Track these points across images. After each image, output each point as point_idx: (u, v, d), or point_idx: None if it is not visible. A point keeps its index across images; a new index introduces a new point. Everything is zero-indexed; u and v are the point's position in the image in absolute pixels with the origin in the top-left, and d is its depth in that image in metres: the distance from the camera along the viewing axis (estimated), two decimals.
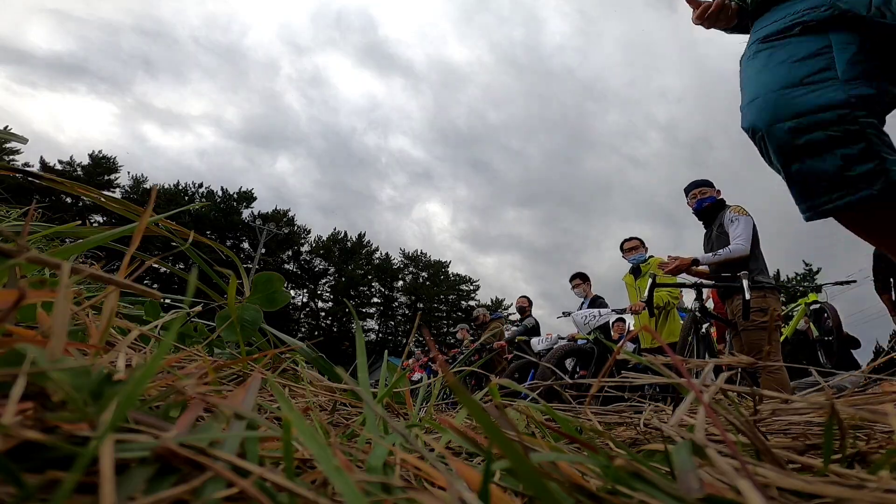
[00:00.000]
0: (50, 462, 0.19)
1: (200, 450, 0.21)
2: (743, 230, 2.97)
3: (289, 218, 38.14)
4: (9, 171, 0.83)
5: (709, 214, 3.23)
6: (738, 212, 3.03)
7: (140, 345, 0.64)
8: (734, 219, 3.01)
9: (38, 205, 0.84)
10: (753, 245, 3.00)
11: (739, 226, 2.99)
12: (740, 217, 3.00)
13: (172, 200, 33.85)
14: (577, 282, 5.10)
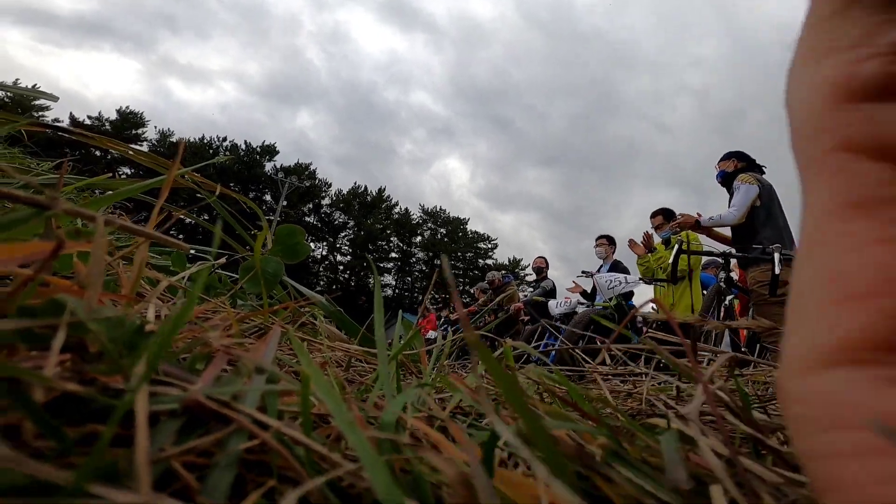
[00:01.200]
0: (86, 414, 0.20)
1: (225, 402, 0.22)
2: (739, 198, 2.97)
3: (310, 171, 38.34)
4: (40, 126, 0.85)
5: (727, 186, 3.23)
6: (742, 180, 3.02)
7: (168, 296, 0.67)
8: (737, 187, 3.03)
9: (69, 158, 0.86)
10: (768, 214, 2.95)
11: (738, 194, 3.00)
12: (741, 185, 3.01)
13: (197, 154, 34.26)
14: (603, 241, 4.99)
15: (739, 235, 3.06)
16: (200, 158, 33.34)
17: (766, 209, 2.97)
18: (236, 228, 1.06)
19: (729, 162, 3.28)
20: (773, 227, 2.95)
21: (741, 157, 3.28)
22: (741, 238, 3.04)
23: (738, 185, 3.03)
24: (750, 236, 2.94)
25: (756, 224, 2.97)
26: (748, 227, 3.00)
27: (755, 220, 2.99)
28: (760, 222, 2.96)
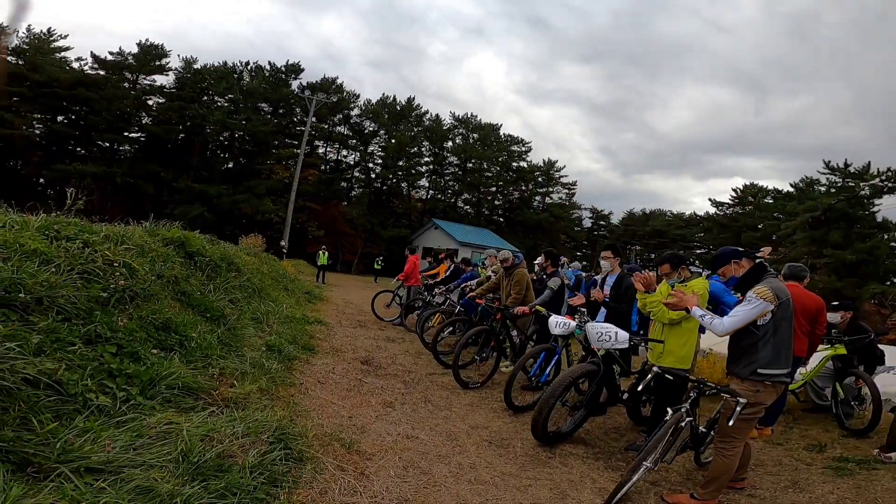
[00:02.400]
0: None
1: None
2: (744, 313, 2.75)
3: (337, 85, 37.30)
4: None
5: (743, 284, 2.94)
6: (760, 294, 2.74)
7: None
8: (750, 298, 2.77)
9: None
10: (775, 330, 2.76)
11: (746, 307, 2.76)
12: (755, 300, 2.74)
13: (223, 78, 33.75)
14: (608, 254, 5.06)
15: (736, 345, 2.89)
16: (225, 83, 32.94)
17: (773, 326, 2.77)
18: None
19: (730, 265, 3.02)
20: (774, 348, 2.76)
21: (740, 255, 3.02)
22: (737, 349, 2.88)
23: (752, 298, 2.76)
24: (749, 352, 2.79)
25: (758, 342, 2.78)
26: (747, 343, 2.82)
27: (758, 338, 2.78)
28: (763, 341, 2.77)
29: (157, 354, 3.52)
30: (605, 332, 3.74)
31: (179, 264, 5.69)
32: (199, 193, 30.91)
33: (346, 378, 5.23)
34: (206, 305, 5.33)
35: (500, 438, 3.95)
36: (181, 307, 4.84)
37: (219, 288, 6.22)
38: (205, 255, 6.44)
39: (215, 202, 30.99)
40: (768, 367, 2.73)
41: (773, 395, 2.85)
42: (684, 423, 2.89)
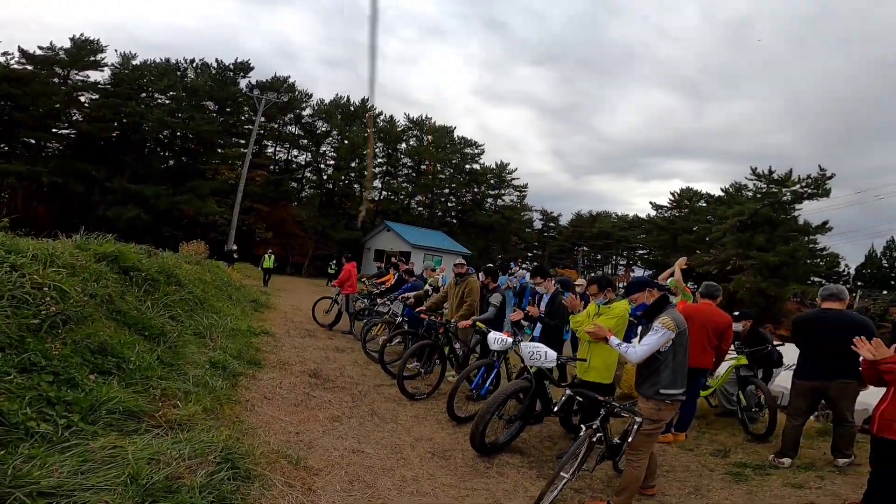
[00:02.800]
0: None
1: None
2: (653, 342, 3.06)
3: (289, 84, 36.31)
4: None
5: (650, 313, 3.25)
6: (664, 324, 3.06)
7: None
8: (656, 329, 3.08)
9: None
10: (674, 356, 3.09)
11: (654, 336, 3.08)
12: (661, 329, 3.06)
13: (164, 75, 32.04)
14: (538, 280, 5.39)
15: (642, 368, 3.20)
16: (167, 81, 31.28)
17: (673, 352, 3.09)
18: None
19: (644, 293, 3.29)
20: (673, 371, 3.09)
21: (652, 285, 3.33)
22: (643, 372, 3.20)
23: (658, 328, 3.07)
24: (653, 375, 3.11)
25: (660, 366, 3.10)
26: (652, 368, 3.14)
27: (661, 362, 3.10)
28: (665, 365, 3.08)
29: (95, 380, 3.45)
30: (536, 352, 4.03)
31: (114, 281, 5.49)
32: (134, 194, 29.21)
33: (294, 392, 5.25)
34: (144, 323, 5.18)
35: (442, 450, 4.14)
36: (117, 327, 4.70)
37: (157, 303, 6.03)
38: (141, 270, 6.23)
39: (152, 203, 29.39)
40: (668, 387, 3.08)
41: (672, 411, 3.23)
42: (596, 438, 3.20)
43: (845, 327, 3.87)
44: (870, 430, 2.90)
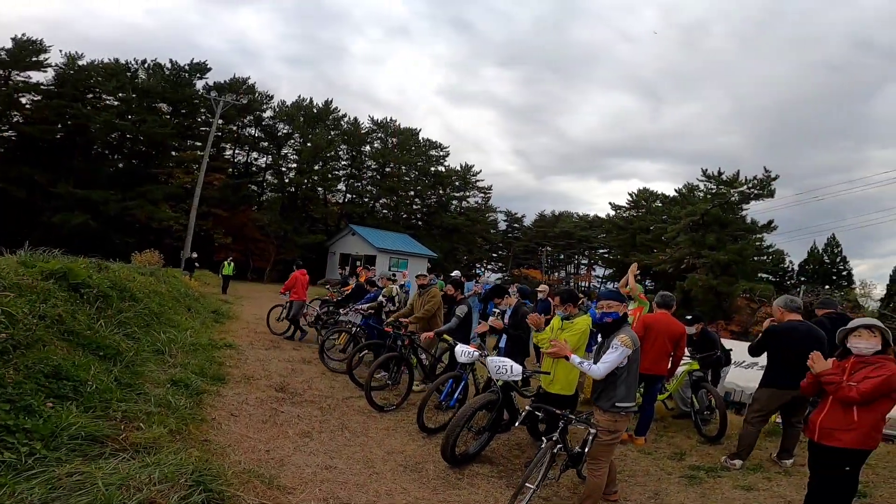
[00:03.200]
0: None
1: None
2: (613, 358, 3.23)
3: (248, 86, 35.26)
4: None
5: (607, 328, 3.43)
6: (623, 342, 3.21)
7: None
8: (615, 346, 3.23)
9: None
10: (629, 373, 3.27)
11: (613, 353, 3.24)
12: (620, 346, 3.21)
13: (113, 76, 30.47)
14: (498, 300, 5.59)
15: (600, 383, 3.36)
16: (116, 82, 29.76)
17: (628, 368, 3.26)
18: None
19: (619, 304, 3.45)
20: (627, 386, 3.27)
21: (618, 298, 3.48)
22: (601, 386, 3.36)
23: (617, 345, 3.23)
24: (609, 389, 3.28)
25: (617, 381, 3.27)
26: (608, 382, 3.30)
27: (617, 377, 3.28)
28: (621, 380, 3.26)
29: (53, 406, 3.34)
30: (502, 366, 4.17)
31: (63, 299, 5.25)
32: (81, 199, 27.67)
33: (261, 408, 5.15)
34: (98, 343, 4.98)
35: (414, 463, 4.18)
36: (70, 349, 4.51)
37: (111, 321, 5.79)
38: (91, 286, 5.98)
39: (101, 209, 27.94)
40: (623, 401, 3.28)
41: (626, 422, 3.44)
42: (556, 449, 3.36)
43: (813, 339, 4.18)
44: (808, 436, 3.11)
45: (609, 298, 3.49)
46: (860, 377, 2.86)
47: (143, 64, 32.28)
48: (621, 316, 3.41)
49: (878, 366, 2.87)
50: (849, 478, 2.93)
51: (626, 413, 3.32)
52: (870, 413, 2.85)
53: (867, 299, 40.29)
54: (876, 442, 2.96)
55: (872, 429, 2.88)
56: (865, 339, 2.96)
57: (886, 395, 2.83)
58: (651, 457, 4.80)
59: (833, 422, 2.92)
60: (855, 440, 2.85)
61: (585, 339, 4.03)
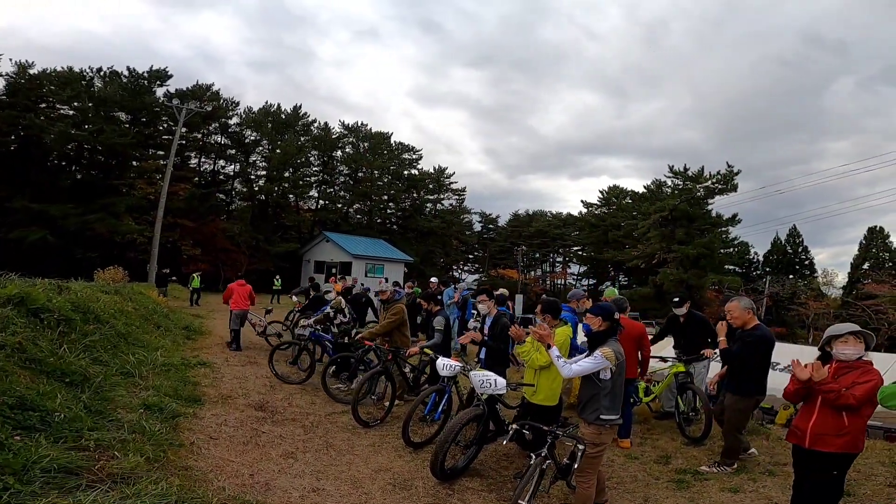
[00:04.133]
0: None
1: None
2: (589, 366, 3.27)
3: (212, 92, 34.34)
4: None
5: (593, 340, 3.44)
6: (605, 355, 3.24)
7: None
8: (596, 357, 3.27)
9: None
10: (613, 386, 3.28)
11: (592, 361, 3.28)
12: (600, 359, 3.25)
13: (68, 84, 29.17)
14: (484, 298, 5.54)
15: (585, 395, 3.38)
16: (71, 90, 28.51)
17: (612, 381, 3.27)
18: None
19: (596, 319, 3.43)
20: (612, 399, 3.28)
21: (607, 316, 3.43)
22: (585, 398, 3.37)
23: (598, 357, 3.24)
24: (594, 402, 3.30)
25: (600, 394, 3.28)
26: (593, 394, 3.32)
27: (601, 390, 3.28)
28: (604, 393, 3.28)
29: (21, 439, 3.20)
30: (486, 380, 4.19)
31: (23, 326, 5.01)
32: (38, 214, 26.41)
33: (241, 429, 4.97)
34: (63, 369, 4.76)
35: (402, 480, 4.10)
36: (34, 377, 4.29)
37: (75, 345, 5.54)
38: (52, 311, 5.72)
39: (60, 224, 26.71)
40: (607, 413, 3.31)
41: (611, 434, 3.47)
42: (546, 465, 3.38)
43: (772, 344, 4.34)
44: (794, 442, 3.17)
45: (591, 313, 3.54)
46: (848, 382, 2.91)
47: (98, 72, 31.01)
48: (607, 329, 3.41)
49: (863, 370, 2.94)
50: (836, 481, 3.00)
51: (610, 426, 3.35)
52: (858, 418, 2.93)
53: (829, 287, 42.19)
54: (862, 445, 3.05)
55: (860, 432, 2.97)
56: (852, 345, 3.01)
57: (870, 401, 2.90)
58: (638, 461, 4.82)
59: (824, 428, 2.97)
60: (846, 445, 2.93)
61: (567, 348, 4.05)
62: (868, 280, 35.94)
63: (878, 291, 31.28)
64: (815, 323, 35.14)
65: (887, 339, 28.80)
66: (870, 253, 40.04)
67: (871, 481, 4.26)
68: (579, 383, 3.68)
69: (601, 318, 3.43)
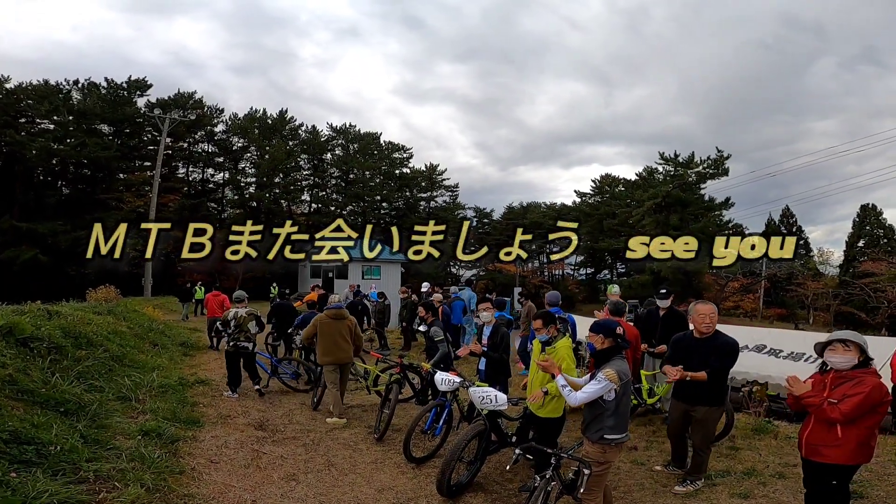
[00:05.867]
0: None
1: None
2: (594, 390, 3.17)
3: (196, 100, 34.03)
4: None
5: (598, 358, 3.35)
6: (608, 376, 3.14)
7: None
8: (600, 379, 3.18)
9: None
10: (617, 405, 3.20)
11: (596, 385, 3.18)
12: (604, 380, 3.15)
13: (45, 98, 28.74)
14: (487, 305, 5.49)
15: (589, 414, 3.32)
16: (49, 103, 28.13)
17: (617, 401, 3.20)
18: None
19: (598, 337, 3.35)
20: (617, 418, 3.21)
21: (609, 333, 3.34)
22: (589, 418, 3.31)
23: (601, 378, 3.15)
24: (597, 421, 3.23)
25: (604, 414, 3.21)
26: (596, 414, 3.25)
27: (605, 410, 3.21)
28: (608, 413, 3.20)
29: (18, 475, 3.15)
30: (486, 396, 4.13)
31: (12, 356, 4.94)
32: (27, 233, 26.14)
33: (242, 451, 4.89)
34: (57, 398, 4.69)
35: (406, 499, 4.02)
36: (27, 409, 4.23)
37: (68, 373, 5.45)
38: (41, 339, 5.64)
39: (50, 241, 26.43)
40: (612, 432, 3.23)
41: (617, 453, 3.39)
42: (551, 486, 3.32)
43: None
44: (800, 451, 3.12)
45: (591, 330, 3.47)
46: (840, 394, 2.82)
47: (76, 84, 30.59)
48: (611, 347, 3.33)
49: (856, 381, 2.81)
50: (838, 490, 2.94)
51: (615, 444, 3.28)
52: (855, 429, 2.81)
53: (826, 266, 42.36)
54: (867, 456, 2.94)
55: (860, 444, 2.85)
56: (840, 353, 2.91)
57: (870, 412, 2.81)
58: (644, 467, 4.72)
59: (818, 438, 2.92)
60: (840, 456, 2.85)
61: (572, 360, 3.96)
62: (864, 258, 36.08)
63: (875, 269, 31.38)
64: (815, 303, 35.34)
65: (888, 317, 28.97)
66: (864, 230, 40.19)
67: (884, 482, 4.15)
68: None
69: (602, 336, 3.36)
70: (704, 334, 4.07)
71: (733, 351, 4.04)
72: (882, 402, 2.84)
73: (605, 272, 48.52)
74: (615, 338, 3.36)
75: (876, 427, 2.94)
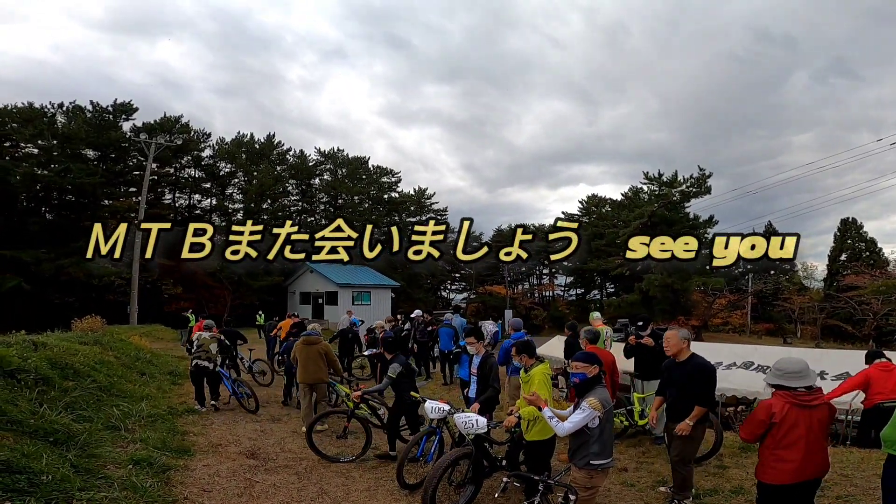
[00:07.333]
0: None
1: None
2: (579, 420, 3.29)
3: (182, 125, 34.12)
4: None
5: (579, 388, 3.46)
6: (591, 405, 3.27)
7: None
8: (584, 408, 3.30)
9: None
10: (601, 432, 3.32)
11: (581, 415, 3.30)
12: (588, 409, 3.27)
13: (29, 122, 28.60)
14: (472, 340, 5.47)
15: (575, 441, 3.42)
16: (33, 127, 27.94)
17: (601, 428, 3.32)
18: None
19: (593, 367, 3.45)
20: (601, 444, 3.32)
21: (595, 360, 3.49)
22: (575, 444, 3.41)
23: (585, 407, 3.28)
24: (583, 448, 3.35)
25: (590, 440, 3.32)
26: (582, 441, 3.36)
27: (590, 437, 3.33)
28: (594, 439, 3.32)
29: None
30: (468, 421, 4.21)
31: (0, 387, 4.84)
32: (10, 261, 25.67)
33: (234, 480, 4.83)
34: (46, 428, 4.66)
35: None
36: (16, 439, 4.19)
37: (56, 404, 5.40)
38: (28, 370, 5.62)
39: (34, 270, 25.97)
40: (598, 458, 3.34)
41: (603, 478, 3.50)
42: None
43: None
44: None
45: (577, 360, 3.56)
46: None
47: (60, 107, 30.37)
48: (591, 377, 3.44)
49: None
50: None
51: (602, 469, 3.38)
52: (762, 448, 3.19)
53: (811, 280, 43.08)
54: (766, 476, 3.13)
55: (763, 461, 3.16)
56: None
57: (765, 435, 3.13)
58: (634, 488, 4.72)
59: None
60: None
61: (549, 386, 4.05)
62: (847, 272, 36.81)
63: (858, 283, 31.97)
64: (802, 317, 35.82)
65: (874, 329, 29.44)
66: (846, 244, 41.11)
67: (867, 495, 4.19)
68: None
69: (594, 365, 3.48)
70: (672, 356, 4.30)
71: (707, 375, 4.14)
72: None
73: (595, 292, 48.79)
74: (600, 366, 3.53)
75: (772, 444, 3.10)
